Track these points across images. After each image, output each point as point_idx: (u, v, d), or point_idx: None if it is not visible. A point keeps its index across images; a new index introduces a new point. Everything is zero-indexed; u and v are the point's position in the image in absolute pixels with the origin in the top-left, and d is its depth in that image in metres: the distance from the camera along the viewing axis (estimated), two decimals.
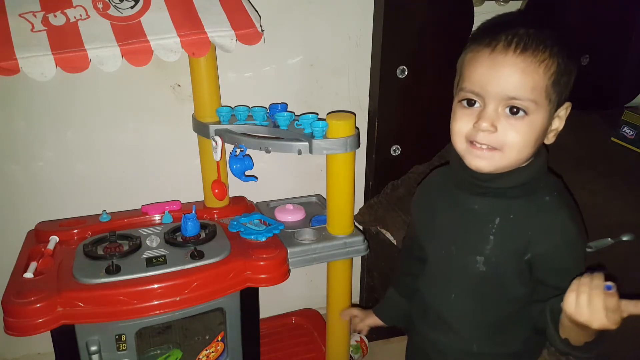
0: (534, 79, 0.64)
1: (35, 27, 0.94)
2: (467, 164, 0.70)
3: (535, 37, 0.64)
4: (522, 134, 0.65)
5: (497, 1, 1.37)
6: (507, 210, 0.71)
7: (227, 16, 1.04)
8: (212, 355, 1.09)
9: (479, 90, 0.66)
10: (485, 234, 0.72)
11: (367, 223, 1.36)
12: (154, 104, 1.24)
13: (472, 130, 0.67)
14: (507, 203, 0.71)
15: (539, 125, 0.66)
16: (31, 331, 0.88)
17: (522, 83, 0.64)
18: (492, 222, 0.72)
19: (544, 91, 0.65)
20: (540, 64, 0.64)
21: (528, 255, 0.70)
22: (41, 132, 1.18)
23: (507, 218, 0.71)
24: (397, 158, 1.38)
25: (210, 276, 0.98)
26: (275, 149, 1.06)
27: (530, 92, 0.64)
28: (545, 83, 0.64)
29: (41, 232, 1.10)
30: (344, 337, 1.25)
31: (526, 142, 0.66)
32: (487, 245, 0.72)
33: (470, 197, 0.74)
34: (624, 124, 1.27)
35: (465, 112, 0.69)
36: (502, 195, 0.71)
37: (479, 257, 0.73)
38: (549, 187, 0.72)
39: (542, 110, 0.66)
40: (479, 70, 0.66)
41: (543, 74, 0.64)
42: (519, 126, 0.65)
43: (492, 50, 0.65)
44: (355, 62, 1.35)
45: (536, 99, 0.64)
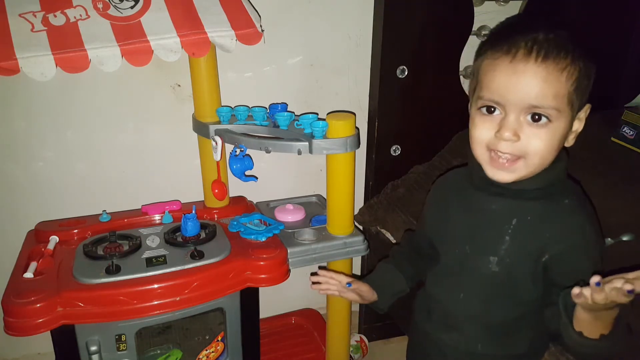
0: (556, 87, 0.62)
1: (35, 27, 0.94)
2: (488, 174, 0.69)
3: (556, 42, 0.63)
4: (545, 141, 0.64)
5: (497, 1, 1.37)
6: (524, 211, 0.70)
7: (227, 16, 1.04)
8: (212, 355, 1.09)
9: (499, 99, 0.65)
10: (501, 234, 0.71)
11: (367, 223, 1.36)
12: (154, 104, 1.24)
13: (493, 139, 0.66)
14: (524, 204, 0.70)
15: (562, 131, 0.65)
16: (31, 331, 0.88)
17: (544, 92, 0.62)
18: (508, 222, 0.71)
19: (566, 98, 0.64)
20: (562, 72, 0.62)
21: (545, 257, 0.69)
22: (41, 132, 1.18)
23: (525, 219, 0.70)
24: (397, 158, 1.38)
25: (210, 276, 0.98)
26: (275, 149, 1.06)
27: (552, 100, 0.63)
28: (567, 90, 0.63)
29: (41, 232, 1.10)
30: (344, 337, 1.25)
31: (549, 149, 0.65)
32: (502, 246, 0.71)
33: (488, 197, 0.73)
34: (624, 124, 1.27)
35: (485, 120, 0.67)
36: (520, 197, 0.70)
37: (492, 257, 0.72)
38: (568, 190, 0.71)
39: (564, 116, 0.65)
40: (498, 79, 0.65)
41: (565, 81, 0.63)
42: (542, 134, 0.64)
43: (512, 58, 0.63)
44: (355, 62, 1.35)
45: (558, 107, 0.63)
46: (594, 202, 1.06)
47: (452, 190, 0.81)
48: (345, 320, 1.23)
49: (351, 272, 1.20)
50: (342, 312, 1.21)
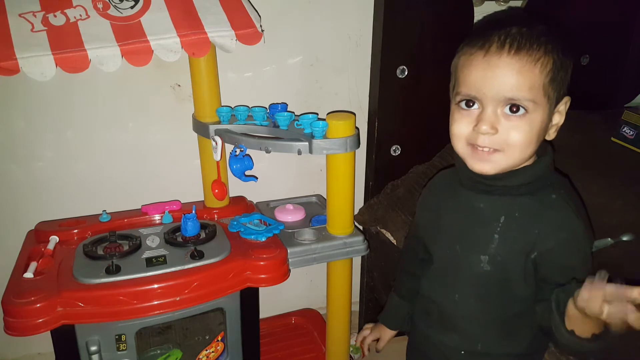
0: (531, 79, 0.64)
1: (35, 27, 0.94)
2: (469, 167, 0.70)
3: (529, 35, 0.64)
4: (524, 132, 0.65)
5: (497, 1, 1.37)
6: (512, 208, 0.71)
7: (227, 16, 1.04)
8: (212, 355, 1.09)
9: (475, 93, 0.66)
10: (490, 233, 0.71)
11: (367, 223, 1.36)
12: (154, 103, 1.24)
13: (472, 133, 0.68)
14: (512, 201, 0.71)
15: (539, 123, 0.66)
16: (31, 331, 0.88)
17: (519, 83, 0.63)
18: (497, 220, 0.71)
19: (541, 89, 0.64)
20: (536, 63, 0.64)
21: (534, 254, 0.69)
22: (41, 132, 1.18)
23: (513, 216, 0.70)
24: (397, 158, 1.38)
25: (210, 276, 0.98)
26: (275, 149, 1.06)
27: (528, 91, 0.64)
28: (542, 81, 0.64)
29: (41, 232, 1.10)
30: (344, 337, 1.25)
31: (528, 141, 0.66)
32: (491, 244, 0.71)
33: (476, 196, 0.74)
34: (624, 124, 1.27)
35: (463, 115, 0.69)
36: (508, 194, 0.71)
37: (483, 256, 0.72)
38: (555, 185, 0.71)
39: (541, 108, 0.65)
40: (474, 74, 0.66)
41: (539, 72, 0.64)
42: (519, 125, 0.65)
43: (485, 52, 0.65)
44: (355, 62, 1.35)
45: (534, 98, 0.64)
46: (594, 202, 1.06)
47: (442, 191, 0.82)
48: (345, 320, 1.23)
49: (351, 272, 1.20)
50: (342, 312, 1.21)
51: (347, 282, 1.19)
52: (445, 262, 0.79)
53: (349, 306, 1.22)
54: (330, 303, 1.22)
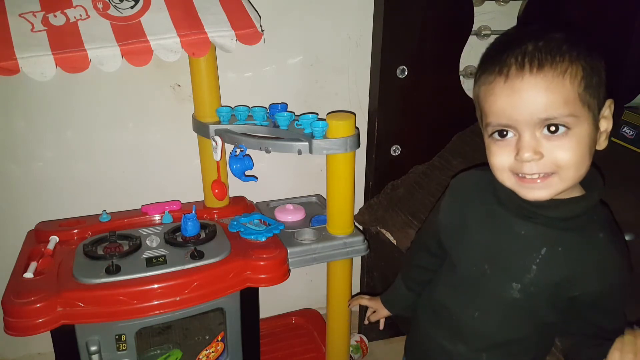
0: (563, 93, 0.58)
1: (35, 27, 0.94)
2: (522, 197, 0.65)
3: (548, 47, 0.59)
4: (571, 150, 0.60)
5: (497, 1, 1.37)
6: (556, 241, 0.66)
7: (227, 16, 1.04)
8: (212, 355, 1.09)
9: (507, 121, 0.61)
10: (528, 263, 0.68)
11: (367, 223, 1.36)
12: (154, 103, 1.24)
13: (516, 163, 0.62)
14: (557, 234, 0.66)
15: (587, 136, 0.60)
16: (31, 331, 0.88)
17: (551, 101, 0.58)
18: (537, 251, 0.67)
19: (578, 100, 0.59)
20: (564, 75, 0.58)
21: (575, 293, 0.67)
22: (41, 132, 1.18)
23: (556, 250, 0.67)
24: (397, 158, 1.38)
25: (210, 276, 0.98)
26: (275, 149, 1.06)
27: (563, 107, 0.58)
28: (576, 92, 0.59)
29: (41, 232, 1.10)
30: (344, 337, 1.25)
31: (580, 157, 0.61)
32: (528, 274, 0.68)
33: (516, 220, 0.68)
34: (624, 124, 1.27)
35: (500, 146, 0.64)
36: (552, 225, 0.66)
37: (515, 283, 0.69)
38: (602, 221, 0.68)
39: (584, 120, 0.60)
40: (499, 102, 0.61)
41: (570, 84, 0.58)
42: (565, 144, 0.60)
43: (506, 77, 0.60)
44: (355, 62, 1.35)
45: (573, 112, 0.59)
46: None
47: (474, 197, 0.75)
48: (345, 320, 1.23)
49: (351, 272, 1.20)
50: (342, 312, 1.21)
51: (347, 282, 1.19)
52: (470, 277, 0.75)
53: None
54: (330, 303, 1.22)
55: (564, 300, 0.68)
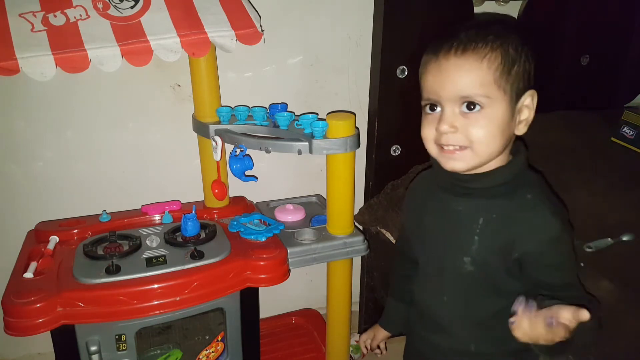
0: (480, 75, 0.66)
1: (35, 27, 0.94)
2: (443, 166, 0.72)
3: (476, 35, 0.67)
4: (484, 127, 0.67)
5: (497, 1, 1.38)
6: (489, 210, 0.72)
7: (227, 16, 1.04)
8: (212, 355, 1.09)
9: (434, 96, 0.70)
10: (470, 235, 0.73)
11: (367, 223, 1.35)
12: (154, 103, 1.24)
13: (437, 134, 0.70)
14: (489, 203, 0.72)
15: (500, 117, 0.68)
16: (31, 331, 0.88)
17: (469, 81, 0.67)
18: (476, 222, 0.73)
19: (494, 83, 0.67)
20: (482, 59, 0.66)
21: (516, 255, 0.71)
22: (41, 132, 1.18)
23: (490, 218, 0.72)
24: (397, 158, 1.38)
25: (210, 276, 0.98)
26: (275, 149, 1.06)
27: (479, 87, 0.66)
28: (492, 76, 0.66)
29: (41, 232, 1.10)
30: (344, 337, 1.25)
31: (490, 135, 0.68)
32: (472, 246, 0.73)
33: (455, 199, 0.75)
34: (624, 124, 1.27)
35: (428, 118, 0.72)
36: (485, 195, 0.73)
37: (465, 257, 0.74)
38: (530, 184, 0.72)
39: (498, 102, 0.67)
40: (430, 79, 0.70)
41: (487, 68, 0.66)
42: (478, 121, 0.67)
43: (436, 57, 0.69)
44: (355, 62, 1.35)
45: (487, 93, 0.66)
46: (594, 202, 1.07)
47: (422, 193, 0.83)
48: (345, 320, 1.23)
49: (351, 272, 1.20)
50: (342, 312, 1.21)
51: (347, 282, 1.19)
52: (430, 265, 0.81)
53: (349, 306, 1.22)
54: (330, 303, 1.22)
55: (512, 264, 0.71)
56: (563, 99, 1.44)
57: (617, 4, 1.47)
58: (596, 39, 1.48)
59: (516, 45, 0.68)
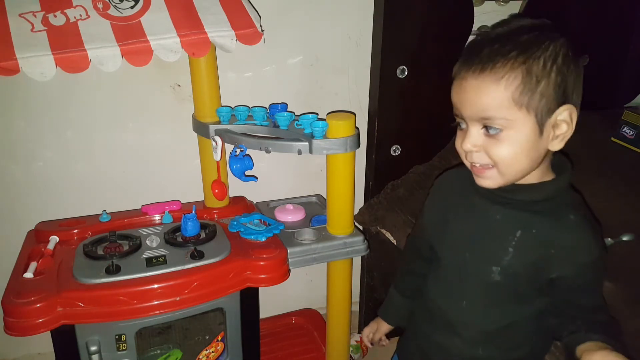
0: (497, 97, 0.63)
1: (35, 27, 0.94)
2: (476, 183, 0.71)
3: (497, 52, 0.64)
4: (505, 149, 0.65)
5: (497, 1, 1.37)
6: (529, 224, 0.70)
7: (227, 16, 1.04)
8: (212, 355, 1.09)
9: (458, 113, 0.69)
10: (505, 245, 0.71)
11: (367, 223, 1.36)
12: (154, 104, 1.24)
13: (465, 152, 0.70)
14: (530, 217, 0.70)
15: (523, 137, 0.65)
16: (31, 331, 0.88)
17: (485, 103, 0.64)
18: (512, 234, 0.71)
19: (514, 105, 0.63)
20: (500, 80, 0.63)
21: (551, 274, 0.70)
22: (41, 132, 1.18)
23: (530, 232, 0.70)
24: (397, 158, 1.38)
25: (210, 276, 0.98)
26: (275, 149, 1.06)
27: (497, 110, 0.64)
28: (511, 96, 0.63)
29: (41, 232, 1.10)
30: (344, 337, 1.25)
31: (513, 155, 0.65)
32: (505, 257, 0.71)
33: (493, 206, 0.73)
34: (624, 124, 1.27)
35: (459, 134, 0.71)
36: (526, 209, 0.70)
37: (495, 267, 0.72)
38: (574, 205, 0.71)
39: (520, 122, 0.64)
40: (454, 95, 0.69)
41: (504, 89, 0.63)
42: (500, 142, 0.65)
43: (459, 74, 0.67)
44: (355, 62, 1.35)
45: (506, 115, 0.64)
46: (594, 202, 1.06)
47: (452, 193, 0.80)
48: (345, 320, 1.23)
49: (351, 272, 1.20)
50: (342, 312, 1.21)
51: (347, 282, 1.19)
52: (453, 268, 0.78)
53: (349, 306, 1.22)
54: (330, 303, 1.22)
55: (543, 282, 0.71)
56: None
57: (617, 4, 1.47)
58: (596, 39, 1.48)
59: (545, 60, 0.63)
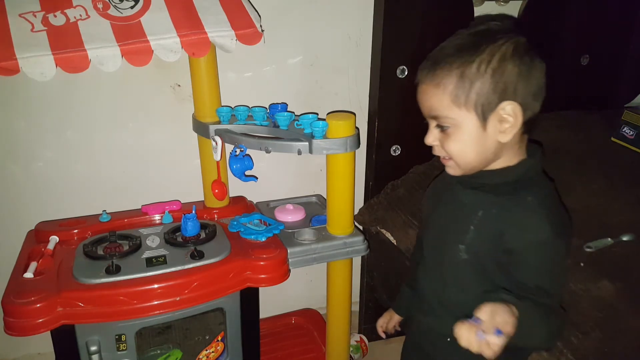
0: (437, 100, 0.71)
1: (35, 27, 0.94)
2: None
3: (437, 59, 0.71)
4: (455, 143, 0.72)
5: (497, 1, 1.38)
6: (491, 204, 0.74)
7: (227, 16, 1.04)
8: (212, 355, 1.09)
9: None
10: (467, 225, 0.76)
11: (367, 223, 1.36)
12: (154, 104, 1.24)
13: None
14: (493, 198, 0.75)
15: (468, 132, 0.71)
16: (31, 331, 0.88)
17: (430, 105, 0.73)
18: (475, 213, 0.75)
19: (452, 105, 0.70)
20: (438, 85, 0.71)
21: (501, 248, 0.72)
22: (41, 132, 1.18)
23: (490, 212, 0.74)
24: (397, 158, 1.38)
25: (210, 276, 0.98)
26: (275, 149, 1.06)
27: (439, 110, 0.72)
28: (448, 97, 0.70)
29: (41, 232, 1.10)
30: (344, 337, 1.25)
31: (462, 149, 0.72)
32: (467, 235, 0.76)
33: (464, 191, 0.78)
34: (624, 124, 1.27)
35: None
36: (491, 192, 0.75)
37: (461, 245, 0.76)
38: (536, 188, 0.74)
39: (462, 119, 0.70)
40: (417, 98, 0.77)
41: (442, 93, 0.70)
42: (450, 137, 0.73)
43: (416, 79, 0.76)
44: (355, 62, 1.35)
45: (448, 114, 0.71)
46: (594, 202, 1.07)
47: (441, 186, 0.86)
48: (345, 320, 1.23)
49: (351, 272, 1.20)
50: (342, 312, 1.21)
51: (347, 282, 1.19)
52: (432, 252, 0.85)
53: (349, 306, 1.22)
54: (330, 303, 1.22)
55: (500, 255, 0.73)
56: (563, 99, 1.44)
57: (617, 4, 1.48)
58: (596, 39, 1.48)
59: (479, 63, 0.68)
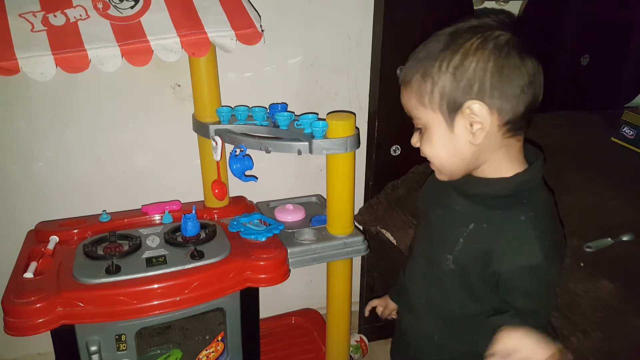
0: (408, 102, 0.73)
1: (35, 27, 0.94)
2: None
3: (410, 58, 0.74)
4: (428, 144, 0.73)
5: (497, 1, 1.38)
6: (482, 218, 0.72)
7: (227, 16, 1.04)
8: (212, 355, 1.09)
9: None
10: (458, 236, 0.74)
11: (367, 223, 1.36)
12: (154, 104, 1.24)
13: None
14: (484, 211, 0.72)
15: (438, 134, 0.71)
16: (31, 331, 0.88)
17: (405, 105, 0.74)
18: (466, 225, 0.73)
19: (419, 105, 0.71)
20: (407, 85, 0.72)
21: (492, 269, 0.71)
22: (41, 132, 1.18)
23: (481, 226, 0.72)
24: (397, 158, 1.38)
25: (210, 276, 0.98)
26: (275, 149, 1.06)
27: (412, 110, 0.73)
28: (415, 98, 0.71)
29: (41, 232, 1.10)
30: (344, 337, 1.25)
31: (436, 152, 0.72)
32: (456, 246, 0.74)
33: (457, 197, 0.76)
34: (624, 124, 1.27)
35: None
36: (483, 203, 0.73)
37: (449, 255, 0.75)
38: (530, 204, 0.70)
39: (431, 121, 0.71)
40: None
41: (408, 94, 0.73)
42: (425, 139, 0.73)
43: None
44: (355, 62, 1.35)
45: (418, 115, 0.72)
46: (594, 202, 1.06)
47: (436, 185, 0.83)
48: (345, 320, 1.23)
49: (351, 272, 1.20)
50: (342, 312, 1.21)
51: (347, 282, 1.19)
52: (420, 254, 0.84)
53: (349, 306, 1.22)
54: (330, 303, 1.22)
55: (488, 276, 0.72)
56: (563, 99, 1.44)
57: (617, 4, 1.47)
58: (596, 39, 1.48)
59: (442, 60, 0.68)
